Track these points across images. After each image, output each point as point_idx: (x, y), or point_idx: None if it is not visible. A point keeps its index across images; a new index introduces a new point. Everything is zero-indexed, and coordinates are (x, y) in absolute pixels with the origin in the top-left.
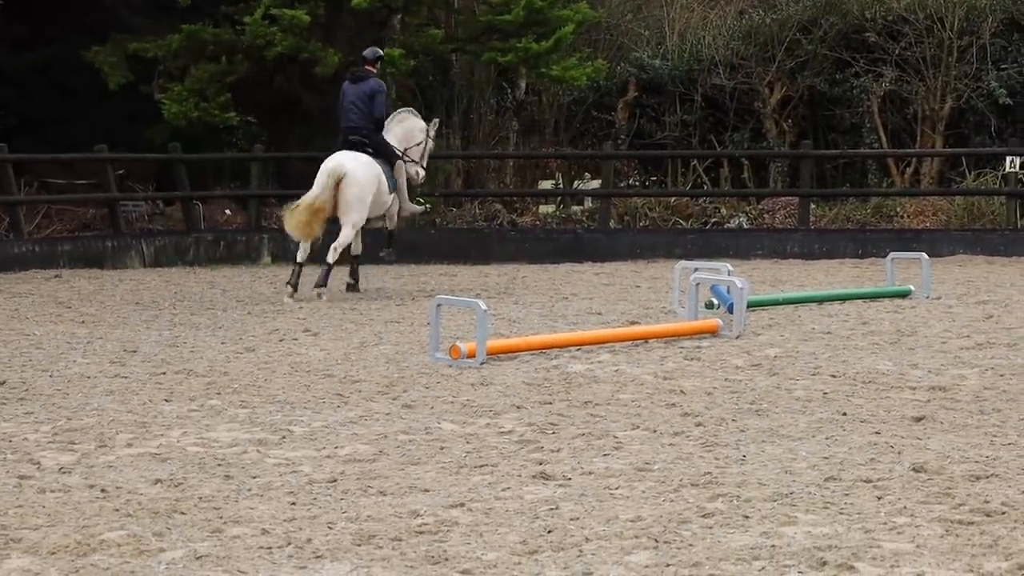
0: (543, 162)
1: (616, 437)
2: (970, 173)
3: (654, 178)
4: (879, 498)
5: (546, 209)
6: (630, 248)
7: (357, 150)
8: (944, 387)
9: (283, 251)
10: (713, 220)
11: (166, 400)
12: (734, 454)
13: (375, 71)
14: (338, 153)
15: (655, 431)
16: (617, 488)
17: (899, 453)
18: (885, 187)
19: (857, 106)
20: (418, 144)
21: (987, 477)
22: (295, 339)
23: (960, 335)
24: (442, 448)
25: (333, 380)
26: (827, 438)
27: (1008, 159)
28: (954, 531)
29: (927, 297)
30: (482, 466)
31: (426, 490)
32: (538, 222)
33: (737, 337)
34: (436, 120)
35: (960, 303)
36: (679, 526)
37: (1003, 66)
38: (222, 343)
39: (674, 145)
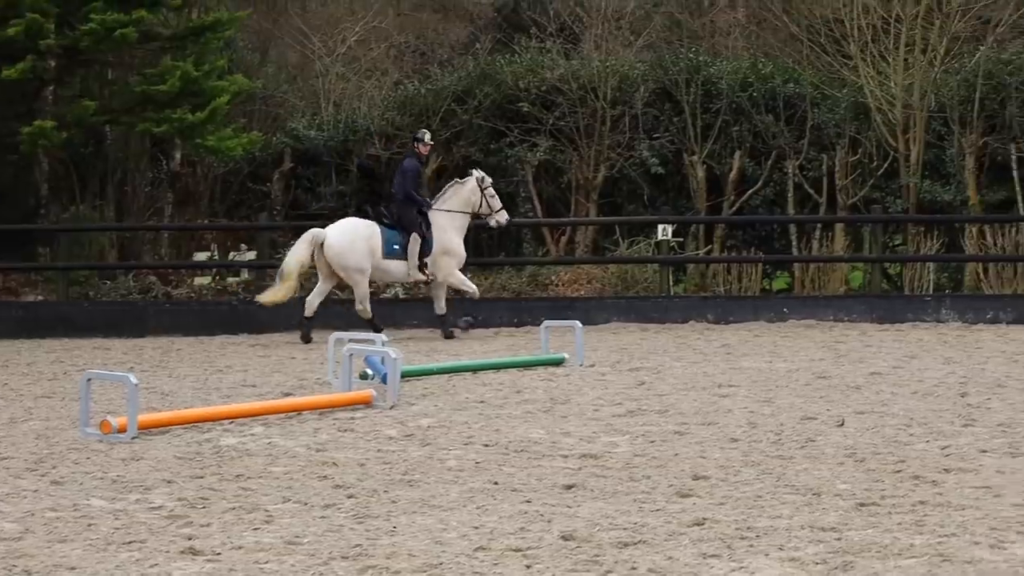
0: (198, 234)
1: (267, 510)
2: (624, 241)
3: None
4: (528, 567)
5: (201, 281)
6: (286, 319)
7: (379, 220)
8: (595, 454)
9: None
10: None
11: None
12: (385, 525)
13: (416, 149)
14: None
15: (306, 504)
16: (267, 562)
17: (549, 521)
18: (540, 256)
19: (512, 175)
20: (480, 203)
21: (635, 544)
22: None
23: (612, 402)
24: (90, 525)
25: None
26: (478, 508)
27: (660, 227)
28: None
29: (581, 365)
30: (130, 542)
31: (72, 568)
32: (193, 294)
33: (391, 408)
34: (478, 171)
35: (613, 370)
36: None
37: (655, 135)
38: None
39: (330, 216)
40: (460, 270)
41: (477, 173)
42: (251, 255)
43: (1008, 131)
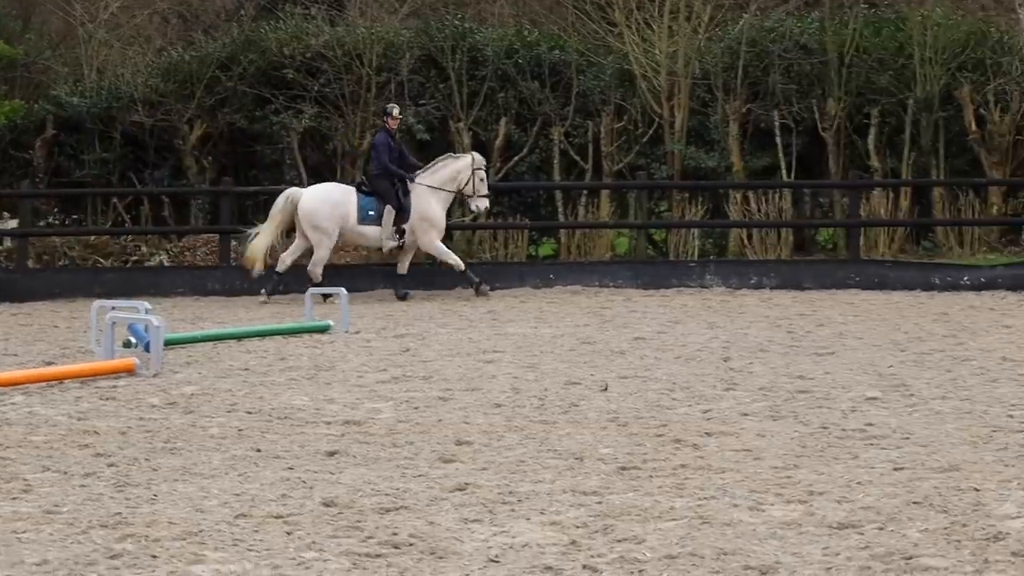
0: None
1: (26, 480)
2: None
3: (74, 216)
4: (289, 533)
5: None
6: (48, 288)
7: (359, 187)
8: (359, 421)
9: None
10: (134, 258)
11: None
12: (145, 494)
13: (385, 123)
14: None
15: (66, 473)
16: (24, 532)
17: (311, 488)
18: None
19: (277, 142)
20: (467, 182)
21: (396, 509)
22: None
23: (377, 369)
24: None
25: None
26: (240, 475)
27: None
28: (361, 564)
29: (346, 332)
30: None
31: None
32: None
33: (154, 376)
34: (475, 154)
35: (378, 337)
36: (86, 568)
37: (421, 102)
38: None
39: (93, 183)
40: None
41: (475, 155)
42: (13, 223)
43: (771, 98)
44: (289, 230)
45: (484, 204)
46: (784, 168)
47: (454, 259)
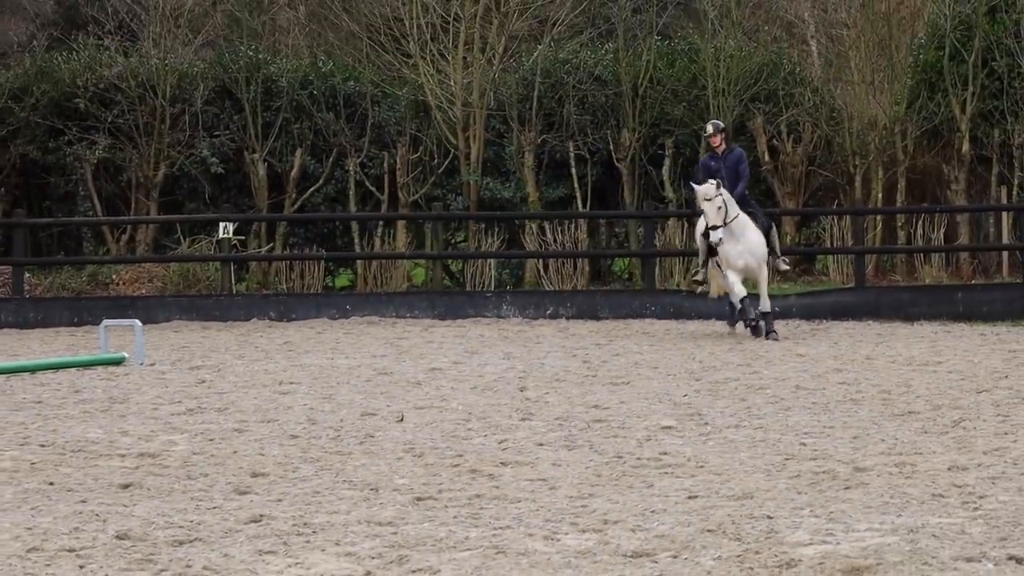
0: None
1: None
2: (185, 239)
3: None
4: (81, 567)
5: None
6: None
7: None
8: (153, 453)
9: None
10: None
11: None
12: None
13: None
14: None
15: None
16: None
17: (104, 521)
18: (101, 254)
19: (71, 174)
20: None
21: (191, 542)
22: None
23: (172, 401)
24: None
25: None
26: (32, 509)
27: (222, 225)
28: None
29: (141, 364)
30: None
31: None
32: None
33: None
34: (701, 186)
35: (174, 369)
36: None
37: (216, 133)
38: None
39: None
40: None
41: (700, 187)
42: None
43: (566, 129)
44: None
45: (713, 236)
46: (580, 198)
47: (736, 292)
